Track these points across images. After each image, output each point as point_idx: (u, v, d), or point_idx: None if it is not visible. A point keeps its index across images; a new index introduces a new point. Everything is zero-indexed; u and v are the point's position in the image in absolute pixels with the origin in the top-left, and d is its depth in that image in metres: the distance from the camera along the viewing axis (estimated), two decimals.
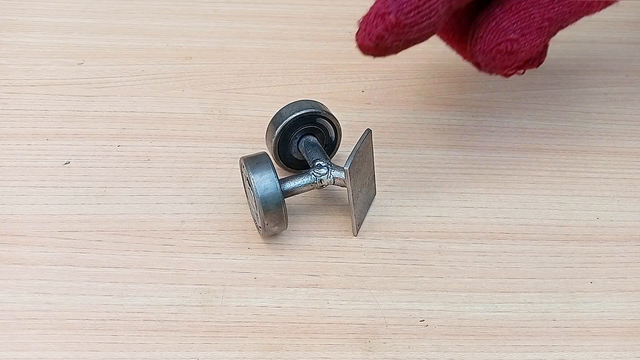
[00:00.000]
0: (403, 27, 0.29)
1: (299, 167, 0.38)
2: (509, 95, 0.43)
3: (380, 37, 0.29)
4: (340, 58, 0.45)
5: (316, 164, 0.35)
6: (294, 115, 0.36)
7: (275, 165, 0.35)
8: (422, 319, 0.33)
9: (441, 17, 0.30)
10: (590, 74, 0.45)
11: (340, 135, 0.38)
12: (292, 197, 0.35)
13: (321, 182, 0.35)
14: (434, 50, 0.42)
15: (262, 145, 0.38)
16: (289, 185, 0.35)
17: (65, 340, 0.32)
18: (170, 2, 0.48)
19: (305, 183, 0.35)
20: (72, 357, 0.32)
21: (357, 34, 0.30)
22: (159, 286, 0.34)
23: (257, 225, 0.36)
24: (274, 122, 0.36)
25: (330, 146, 0.38)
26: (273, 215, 0.34)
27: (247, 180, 0.35)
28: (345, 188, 0.34)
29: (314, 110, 0.36)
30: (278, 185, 0.33)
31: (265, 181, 0.33)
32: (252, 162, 0.34)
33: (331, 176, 0.35)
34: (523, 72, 0.35)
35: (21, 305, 0.33)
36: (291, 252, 0.36)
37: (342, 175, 0.35)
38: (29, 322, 0.33)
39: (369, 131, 0.35)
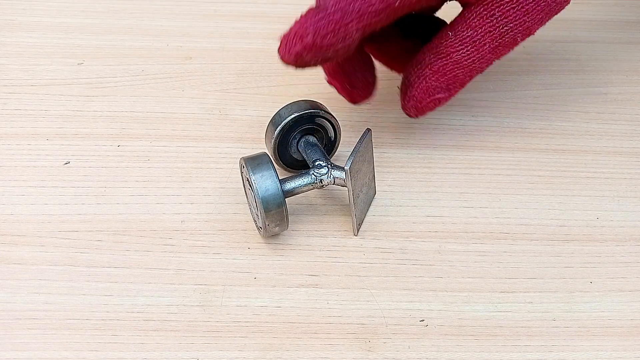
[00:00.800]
0: (319, 47, 0.33)
1: (298, 167, 0.38)
2: (509, 95, 0.43)
3: (298, 55, 0.33)
4: None
5: (316, 164, 0.35)
6: (293, 116, 0.36)
7: (275, 166, 0.35)
8: (422, 319, 0.33)
9: (355, 40, 0.34)
10: (590, 74, 0.45)
11: (340, 135, 0.38)
12: (292, 197, 0.35)
13: (321, 182, 0.35)
14: None
15: (261, 145, 0.38)
16: (290, 185, 0.35)
17: (65, 340, 0.32)
18: (170, 2, 0.48)
19: (305, 183, 0.35)
20: (72, 357, 0.32)
21: (278, 49, 0.33)
22: (159, 286, 0.34)
23: (257, 226, 0.36)
24: (273, 122, 0.36)
25: (330, 146, 0.38)
26: (274, 215, 0.34)
27: (248, 180, 0.35)
28: (345, 188, 0.34)
29: (313, 110, 0.36)
30: (279, 186, 0.33)
31: (266, 182, 0.33)
32: (253, 163, 0.34)
33: (331, 176, 0.35)
34: None
35: (21, 305, 0.33)
36: (291, 252, 0.36)
37: (343, 175, 0.35)
38: (29, 322, 0.33)
39: (369, 131, 0.35)
